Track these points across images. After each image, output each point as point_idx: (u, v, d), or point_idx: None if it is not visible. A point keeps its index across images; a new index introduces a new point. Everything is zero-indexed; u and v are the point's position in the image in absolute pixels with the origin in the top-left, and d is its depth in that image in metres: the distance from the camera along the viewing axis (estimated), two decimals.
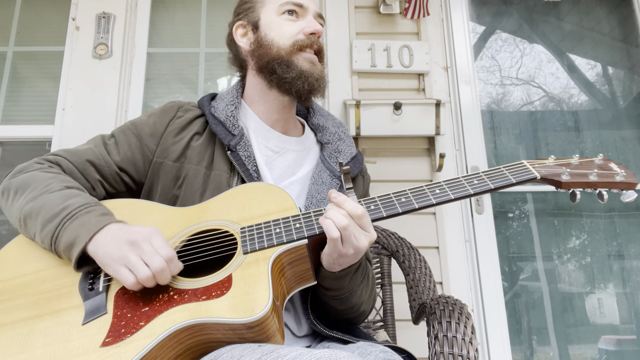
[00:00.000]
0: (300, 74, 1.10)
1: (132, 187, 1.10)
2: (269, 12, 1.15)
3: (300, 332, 1.04)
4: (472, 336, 0.89)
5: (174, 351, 0.78)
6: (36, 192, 0.95)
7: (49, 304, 0.85)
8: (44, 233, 0.89)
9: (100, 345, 0.77)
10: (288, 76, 1.10)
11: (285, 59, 1.10)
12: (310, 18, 1.15)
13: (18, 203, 0.96)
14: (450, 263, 1.98)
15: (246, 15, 1.19)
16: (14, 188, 0.99)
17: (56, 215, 0.89)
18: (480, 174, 0.96)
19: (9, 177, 1.03)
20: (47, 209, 0.91)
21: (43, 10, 2.35)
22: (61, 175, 1.01)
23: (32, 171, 1.01)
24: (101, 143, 1.10)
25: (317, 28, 1.13)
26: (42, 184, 0.96)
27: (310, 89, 1.11)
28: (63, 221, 0.88)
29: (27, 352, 0.78)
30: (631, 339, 2.15)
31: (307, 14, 1.15)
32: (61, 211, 0.90)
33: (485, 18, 2.57)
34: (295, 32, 1.12)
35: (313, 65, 1.12)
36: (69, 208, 0.90)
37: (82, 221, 0.88)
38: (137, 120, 1.15)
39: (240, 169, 1.06)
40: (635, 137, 2.40)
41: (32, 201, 0.93)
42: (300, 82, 1.10)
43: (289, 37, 1.12)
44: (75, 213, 0.90)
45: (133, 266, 0.81)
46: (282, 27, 1.13)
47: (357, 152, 1.22)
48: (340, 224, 0.85)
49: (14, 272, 0.90)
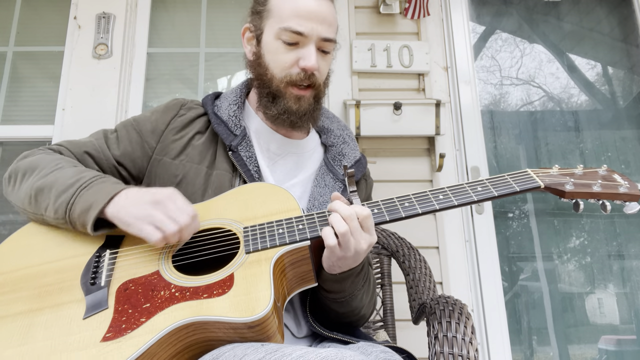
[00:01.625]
0: (284, 111, 1.06)
1: (129, 182, 1.10)
2: (270, 31, 1.07)
3: (299, 333, 1.04)
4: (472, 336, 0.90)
5: (173, 348, 0.79)
6: (47, 170, 0.97)
7: (51, 297, 0.85)
8: (58, 203, 0.90)
9: (101, 340, 0.77)
10: (271, 111, 1.08)
11: (273, 91, 1.07)
12: (309, 49, 1.04)
13: (28, 182, 0.97)
14: (450, 263, 1.98)
15: (254, 20, 1.12)
16: (22, 170, 1.00)
17: (71, 186, 0.91)
18: (484, 181, 0.96)
19: (15, 162, 1.04)
20: (60, 182, 0.93)
21: (43, 10, 2.35)
22: (68, 157, 1.03)
23: (39, 154, 1.03)
24: (102, 137, 1.11)
25: (310, 65, 1.03)
26: (52, 163, 0.98)
27: (292, 126, 1.09)
28: (79, 189, 0.90)
29: (28, 344, 0.78)
30: (631, 339, 2.15)
31: (308, 43, 1.04)
32: (76, 182, 0.92)
33: (485, 18, 2.57)
34: (289, 64, 1.05)
35: (300, 102, 1.06)
36: (84, 179, 0.93)
37: (99, 188, 0.91)
38: (139, 116, 1.15)
39: (241, 169, 1.06)
40: (635, 137, 2.40)
41: (44, 178, 0.95)
42: (282, 118, 1.08)
43: (281, 69, 1.05)
44: (91, 182, 0.92)
45: (160, 222, 0.85)
46: (278, 54, 1.06)
47: (360, 155, 1.21)
48: (339, 230, 0.85)
49: (16, 264, 0.91)
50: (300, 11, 1.03)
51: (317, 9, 1.04)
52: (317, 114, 1.13)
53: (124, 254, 0.91)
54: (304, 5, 1.04)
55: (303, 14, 1.03)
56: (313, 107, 1.09)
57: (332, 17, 1.08)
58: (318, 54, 1.06)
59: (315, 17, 1.04)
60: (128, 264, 0.89)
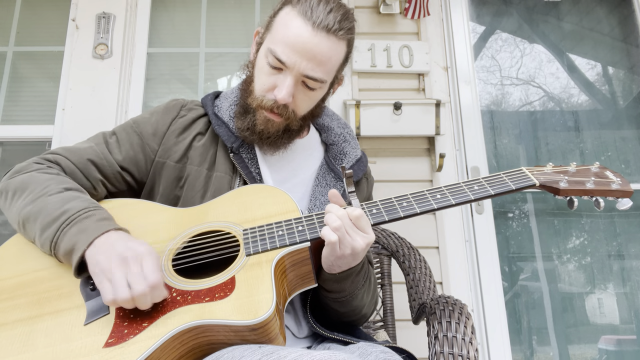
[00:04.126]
0: (248, 128, 1.04)
1: (133, 187, 1.10)
2: (264, 46, 1.02)
3: (300, 333, 1.04)
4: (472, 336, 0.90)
5: (176, 352, 0.78)
6: (34, 194, 0.93)
7: (50, 304, 0.84)
8: (43, 238, 0.88)
9: (104, 346, 0.76)
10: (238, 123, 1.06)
11: (247, 103, 1.05)
12: (286, 80, 0.98)
13: (16, 205, 0.94)
14: (450, 263, 1.98)
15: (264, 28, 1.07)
16: (12, 189, 0.97)
17: (55, 220, 0.88)
18: (480, 180, 0.97)
19: (7, 177, 1.01)
20: (45, 214, 0.89)
21: (43, 10, 2.35)
22: (60, 177, 0.99)
23: (31, 172, 0.98)
24: (102, 141, 1.08)
25: (280, 97, 0.98)
26: (40, 186, 0.94)
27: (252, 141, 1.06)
28: (62, 227, 0.87)
29: (29, 352, 0.77)
30: (631, 339, 2.16)
31: (288, 74, 0.98)
32: (60, 216, 0.88)
33: (485, 18, 2.57)
34: (266, 88, 1.01)
35: (267, 124, 1.03)
36: (68, 213, 0.88)
37: (81, 227, 0.86)
38: (139, 118, 1.13)
39: (242, 171, 1.05)
40: (635, 137, 2.40)
41: (31, 204, 0.91)
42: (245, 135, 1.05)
43: (260, 88, 1.02)
44: (74, 218, 0.87)
45: (115, 284, 0.78)
46: (261, 73, 1.02)
47: (361, 154, 1.20)
48: (332, 225, 0.85)
49: (14, 270, 0.90)
50: (289, 40, 0.96)
51: (307, 43, 0.96)
52: (284, 142, 1.07)
53: None
54: (294, 35, 0.96)
55: (291, 43, 0.96)
56: (280, 135, 1.05)
57: (326, 55, 0.98)
58: (300, 87, 1.00)
59: (304, 50, 0.96)
60: None
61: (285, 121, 1.03)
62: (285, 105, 1.00)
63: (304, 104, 1.04)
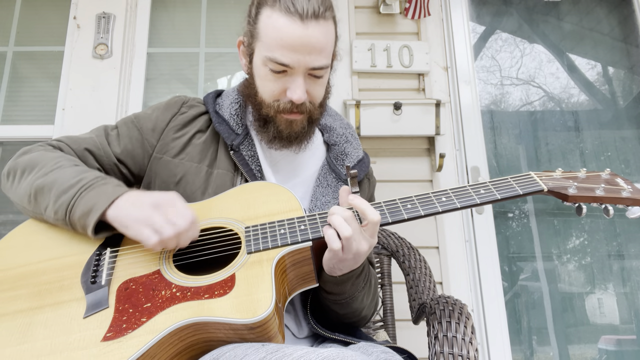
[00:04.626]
0: (275, 137, 1.05)
1: (130, 180, 1.10)
2: (259, 55, 1.01)
3: (300, 333, 1.04)
4: (472, 336, 0.90)
5: (174, 348, 0.79)
6: (46, 168, 0.95)
7: (51, 296, 0.84)
8: (58, 204, 0.90)
9: (102, 340, 0.77)
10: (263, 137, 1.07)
11: (263, 116, 1.04)
12: (296, 81, 0.98)
13: (27, 180, 0.96)
14: (450, 263, 1.98)
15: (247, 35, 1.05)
16: (21, 167, 0.99)
17: (72, 187, 0.90)
18: (487, 184, 0.95)
19: (14, 158, 1.03)
20: (61, 182, 0.91)
21: (43, 10, 2.35)
22: (68, 155, 1.02)
23: (39, 151, 1.02)
24: (103, 133, 1.10)
25: (296, 98, 0.98)
26: (52, 162, 0.97)
27: (283, 146, 1.07)
28: (80, 190, 0.89)
29: (28, 343, 0.78)
30: (631, 339, 2.16)
31: (295, 73, 0.98)
32: (77, 182, 0.91)
33: (485, 18, 2.57)
34: (277, 92, 1.00)
35: (292, 125, 1.03)
36: (85, 180, 0.91)
37: (100, 190, 0.89)
38: (140, 113, 1.15)
39: (243, 169, 1.06)
40: (635, 137, 2.40)
41: (44, 177, 0.94)
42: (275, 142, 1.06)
43: (270, 96, 1.01)
44: (92, 183, 0.91)
45: (158, 226, 0.83)
46: (266, 81, 1.01)
47: (363, 154, 1.19)
48: (344, 234, 0.85)
49: (15, 262, 0.90)
50: (285, 42, 0.95)
51: (303, 38, 0.95)
52: (311, 132, 1.09)
53: (125, 253, 0.91)
54: (288, 35, 0.95)
55: (288, 45, 0.95)
56: (306, 130, 1.06)
57: (323, 41, 0.98)
58: (309, 80, 1.00)
59: (302, 47, 0.95)
60: (129, 263, 0.89)
61: (306, 115, 1.04)
62: (302, 103, 1.01)
63: (317, 93, 1.04)
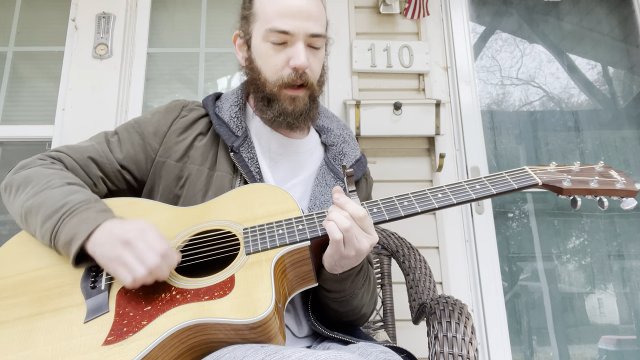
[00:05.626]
0: (280, 114, 1.06)
1: (133, 185, 1.10)
2: (257, 34, 1.07)
3: (300, 332, 1.04)
4: (472, 336, 0.90)
5: (175, 351, 0.79)
6: (37, 188, 0.95)
7: (51, 302, 0.85)
8: (44, 229, 0.89)
9: (103, 344, 0.77)
10: (267, 115, 1.08)
11: (267, 94, 1.07)
12: (297, 47, 1.03)
13: (20, 199, 0.96)
14: (450, 263, 1.98)
15: (243, 25, 1.12)
16: (17, 184, 0.99)
17: (56, 212, 0.89)
18: (482, 179, 0.96)
19: (12, 172, 1.03)
20: (47, 205, 0.91)
21: (43, 10, 2.35)
22: (63, 172, 1.01)
23: (35, 167, 1.01)
24: (104, 140, 1.10)
25: (300, 63, 1.02)
26: (44, 180, 0.96)
27: (290, 126, 1.08)
28: (62, 217, 0.88)
29: (29, 349, 0.78)
30: (631, 339, 2.16)
31: (295, 41, 1.03)
32: (61, 207, 0.90)
33: (485, 18, 2.57)
34: (280, 66, 1.04)
35: (295, 102, 1.06)
36: (69, 204, 0.90)
37: (81, 218, 0.88)
38: (140, 118, 1.15)
39: (242, 170, 1.06)
40: (635, 137, 2.40)
41: (33, 197, 0.93)
42: (279, 120, 1.07)
43: (273, 72, 1.05)
44: (75, 209, 0.90)
45: (130, 265, 0.81)
46: (267, 56, 1.05)
47: (361, 155, 1.21)
48: (342, 225, 0.85)
49: (15, 269, 0.90)
50: (284, 10, 1.02)
51: (301, 5, 1.03)
52: (314, 113, 1.12)
53: None
54: (287, 3, 1.03)
55: (287, 12, 1.02)
56: (309, 107, 1.08)
57: (319, 11, 1.06)
58: (308, 50, 1.05)
59: (300, 14, 1.02)
60: None
61: (308, 90, 1.07)
62: (304, 72, 1.04)
63: (315, 66, 1.08)
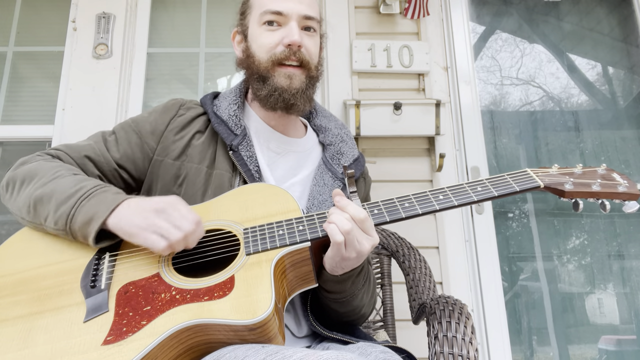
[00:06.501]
0: (274, 90, 1.06)
1: (131, 184, 1.11)
2: (253, 22, 1.11)
3: (300, 332, 1.04)
4: (472, 336, 0.90)
5: (174, 351, 0.79)
6: (45, 178, 0.95)
7: (50, 301, 0.84)
8: (58, 214, 0.89)
9: (102, 344, 0.77)
10: (262, 92, 1.08)
11: (262, 74, 1.08)
12: (291, 26, 1.06)
13: (26, 191, 0.96)
14: (450, 263, 1.98)
15: (241, 22, 1.16)
16: (20, 178, 0.99)
17: (71, 196, 0.90)
18: (484, 181, 0.96)
19: (13, 169, 1.03)
20: (60, 192, 0.91)
21: (43, 10, 2.35)
22: (66, 165, 1.02)
23: (37, 162, 1.02)
24: (101, 139, 1.10)
25: (294, 39, 1.04)
26: (51, 172, 0.97)
27: (286, 105, 1.08)
28: (80, 200, 0.89)
29: (28, 348, 0.78)
30: (631, 339, 2.16)
31: (288, 21, 1.07)
32: (76, 192, 0.91)
33: (485, 18, 2.57)
34: (272, 45, 1.07)
35: (290, 79, 1.06)
36: (84, 188, 0.91)
37: (100, 199, 0.90)
38: (138, 117, 1.15)
39: (242, 169, 1.06)
40: (635, 137, 2.40)
41: (43, 187, 0.94)
42: (274, 98, 1.07)
43: (266, 50, 1.07)
44: (91, 192, 0.91)
45: (164, 231, 0.84)
46: (261, 38, 1.08)
47: (359, 154, 1.21)
48: (343, 228, 0.85)
49: (15, 267, 0.90)
50: None
51: None
52: (311, 94, 1.11)
53: (124, 257, 0.91)
54: None
55: None
56: (306, 85, 1.08)
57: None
58: (302, 33, 1.08)
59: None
60: (128, 267, 0.89)
61: (305, 71, 1.08)
62: (299, 50, 1.06)
63: (312, 47, 1.10)
